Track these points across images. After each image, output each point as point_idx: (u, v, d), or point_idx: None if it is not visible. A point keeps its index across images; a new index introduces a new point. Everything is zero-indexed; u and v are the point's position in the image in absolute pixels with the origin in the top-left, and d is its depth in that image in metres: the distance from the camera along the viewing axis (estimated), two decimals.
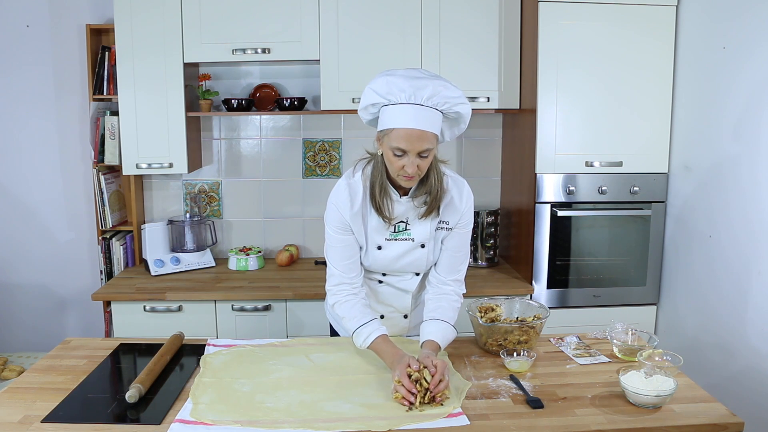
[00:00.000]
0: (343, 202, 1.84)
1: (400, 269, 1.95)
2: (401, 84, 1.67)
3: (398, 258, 1.91)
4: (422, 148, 1.68)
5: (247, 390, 1.67)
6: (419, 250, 1.90)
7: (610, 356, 1.91)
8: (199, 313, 2.80)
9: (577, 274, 2.90)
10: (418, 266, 1.95)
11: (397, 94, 1.67)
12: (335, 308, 1.91)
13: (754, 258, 2.31)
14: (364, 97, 1.75)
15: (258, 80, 3.24)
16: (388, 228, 1.87)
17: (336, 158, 3.32)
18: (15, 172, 3.29)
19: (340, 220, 1.85)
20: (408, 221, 1.87)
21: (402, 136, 1.68)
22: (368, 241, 1.89)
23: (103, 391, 1.70)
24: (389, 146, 1.71)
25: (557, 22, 2.71)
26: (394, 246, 1.89)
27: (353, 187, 1.85)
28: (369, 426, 1.48)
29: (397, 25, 2.87)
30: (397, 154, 1.70)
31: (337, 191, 1.87)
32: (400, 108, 1.68)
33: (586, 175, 2.82)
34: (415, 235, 1.88)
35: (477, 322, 1.95)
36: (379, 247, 1.89)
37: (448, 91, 1.69)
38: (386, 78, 1.69)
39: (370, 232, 1.88)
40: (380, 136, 1.75)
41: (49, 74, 3.21)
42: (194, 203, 3.31)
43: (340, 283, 1.89)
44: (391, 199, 1.82)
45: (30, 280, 3.36)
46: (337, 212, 1.85)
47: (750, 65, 2.32)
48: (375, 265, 1.94)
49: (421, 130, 1.67)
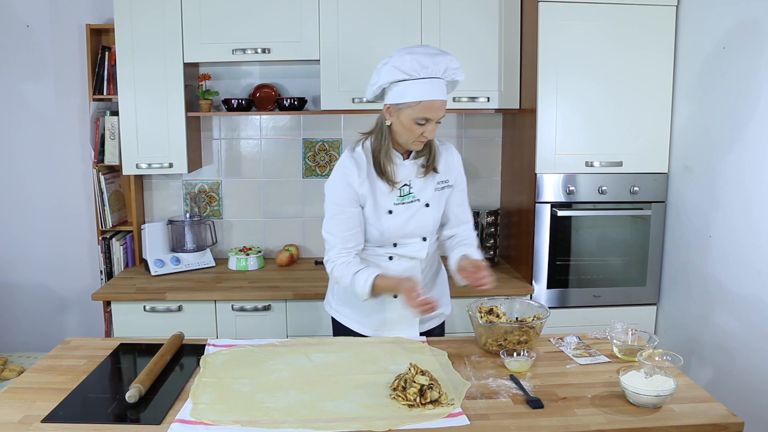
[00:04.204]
0: (351, 171, 1.98)
1: (409, 233, 2.06)
2: (424, 60, 1.86)
3: (407, 221, 2.04)
4: (442, 115, 1.92)
5: (247, 390, 1.67)
6: (425, 210, 2.05)
7: (610, 356, 1.91)
8: (199, 313, 2.81)
9: (577, 274, 2.90)
10: (425, 228, 2.07)
11: (420, 70, 1.86)
12: (333, 272, 2.02)
13: (754, 258, 2.32)
14: (385, 75, 1.90)
15: (258, 80, 3.24)
16: (393, 191, 2.01)
17: (336, 158, 3.31)
18: (15, 172, 3.29)
19: (347, 191, 1.98)
20: (411, 184, 2.03)
21: (429, 107, 1.88)
22: (378, 206, 2.01)
23: (103, 391, 1.70)
24: (412, 117, 1.89)
25: (557, 23, 2.71)
26: (403, 209, 2.03)
27: (357, 158, 2.01)
28: (369, 426, 1.48)
29: (397, 25, 2.87)
30: (420, 123, 1.90)
31: (342, 164, 2.01)
32: (425, 82, 1.87)
33: (586, 175, 2.82)
34: (419, 196, 2.05)
35: (477, 322, 1.95)
36: (389, 212, 2.02)
37: (454, 63, 1.91)
38: (409, 56, 1.86)
39: (378, 198, 2.01)
40: (397, 109, 1.91)
41: (49, 74, 3.21)
42: (194, 203, 3.32)
43: (339, 253, 2.01)
44: (394, 163, 2.00)
45: (30, 280, 3.36)
46: (345, 183, 1.98)
47: (750, 65, 2.32)
48: (387, 231, 2.03)
49: (442, 100, 1.90)
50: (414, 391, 1.58)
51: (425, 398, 1.57)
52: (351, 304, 2.16)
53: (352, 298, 2.12)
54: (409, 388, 1.59)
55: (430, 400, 1.57)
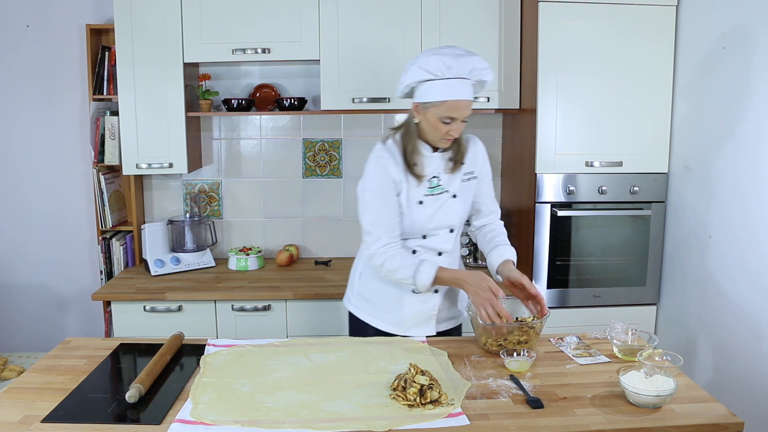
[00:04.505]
0: (388, 160, 2.02)
1: (438, 225, 2.09)
2: (449, 61, 1.90)
3: (436, 212, 2.07)
4: (467, 114, 1.96)
5: (247, 390, 1.67)
6: (453, 201, 2.10)
7: (610, 356, 1.91)
8: (199, 313, 2.80)
9: (577, 274, 2.90)
10: (453, 219, 2.11)
11: (445, 70, 1.90)
12: (385, 265, 2.03)
13: (754, 258, 2.31)
14: (412, 75, 1.95)
15: (258, 80, 3.24)
16: (423, 184, 2.05)
17: (336, 158, 3.32)
18: (15, 172, 3.29)
19: (386, 179, 2.02)
20: (439, 176, 2.08)
21: (453, 106, 1.92)
22: (410, 197, 2.04)
23: (103, 391, 1.70)
24: (438, 116, 1.94)
25: (557, 22, 2.71)
26: (432, 200, 2.07)
27: (390, 149, 2.05)
28: (369, 426, 1.48)
29: (397, 25, 2.87)
30: (445, 122, 1.95)
31: (377, 154, 2.05)
32: (451, 82, 1.92)
33: (586, 175, 2.82)
34: (448, 187, 2.09)
35: (477, 322, 1.95)
36: (420, 203, 2.06)
37: (481, 64, 1.95)
38: (435, 57, 1.91)
39: (410, 188, 2.05)
40: (424, 108, 1.97)
41: (49, 74, 3.20)
42: (194, 203, 3.32)
43: (388, 243, 2.03)
44: (422, 155, 2.04)
45: (30, 280, 3.36)
46: (384, 172, 2.02)
47: (750, 65, 2.32)
48: (417, 222, 2.06)
49: (467, 100, 1.95)
50: (414, 391, 1.58)
51: (425, 398, 1.57)
52: (370, 299, 2.19)
53: (372, 293, 2.17)
54: (409, 388, 1.60)
55: (430, 400, 1.57)
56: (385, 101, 2.91)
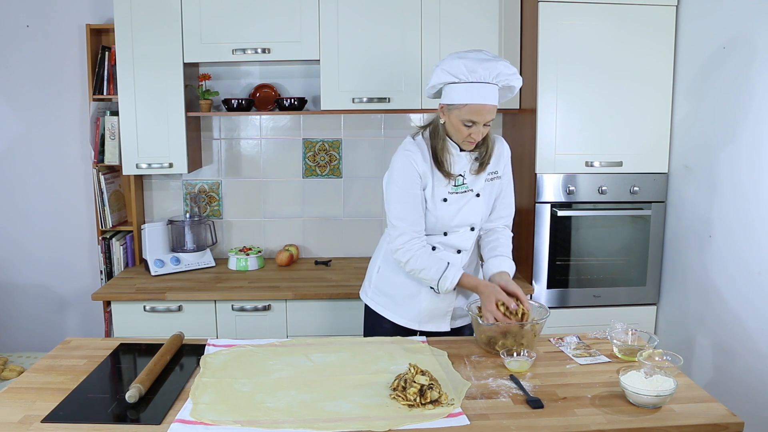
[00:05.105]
0: (416, 155, 2.05)
1: (460, 222, 2.12)
2: (472, 65, 1.92)
3: (459, 210, 2.10)
4: (490, 118, 1.98)
5: (247, 390, 1.67)
6: (476, 200, 2.12)
7: (610, 356, 1.91)
8: (199, 313, 2.80)
9: (577, 274, 2.90)
10: (475, 217, 2.13)
11: (468, 74, 1.92)
12: (410, 263, 2.05)
13: (753, 258, 2.31)
14: (436, 76, 1.98)
15: (258, 80, 3.24)
16: (449, 182, 2.08)
17: (336, 158, 3.32)
18: (15, 172, 3.29)
19: (412, 173, 2.04)
20: (465, 175, 2.10)
21: (474, 110, 1.94)
22: (435, 193, 2.07)
23: (103, 391, 1.70)
24: (459, 118, 1.97)
25: (557, 22, 2.71)
26: (456, 198, 2.09)
27: (420, 144, 2.08)
28: (369, 426, 1.48)
29: (397, 25, 2.87)
30: (467, 125, 1.97)
31: (405, 148, 2.08)
32: (473, 86, 1.94)
33: (586, 175, 2.82)
34: (472, 186, 2.11)
35: (477, 322, 1.95)
36: (444, 200, 2.08)
37: (508, 69, 1.96)
38: (458, 60, 1.93)
39: (435, 185, 2.07)
40: (448, 109, 2.00)
41: (49, 74, 3.20)
42: (194, 203, 3.31)
43: (412, 239, 2.05)
44: (450, 154, 2.06)
45: (30, 280, 3.36)
46: (412, 166, 2.04)
47: (750, 65, 2.32)
48: (441, 219, 2.09)
49: (490, 104, 1.95)
50: (414, 391, 1.58)
51: (425, 398, 1.57)
52: (387, 293, 2.21)
53: (390, 288, 2.19)
54: (409, 388, 1.60)
55: (430, 400, 1.58)
56: (385, 101, 2.91)
